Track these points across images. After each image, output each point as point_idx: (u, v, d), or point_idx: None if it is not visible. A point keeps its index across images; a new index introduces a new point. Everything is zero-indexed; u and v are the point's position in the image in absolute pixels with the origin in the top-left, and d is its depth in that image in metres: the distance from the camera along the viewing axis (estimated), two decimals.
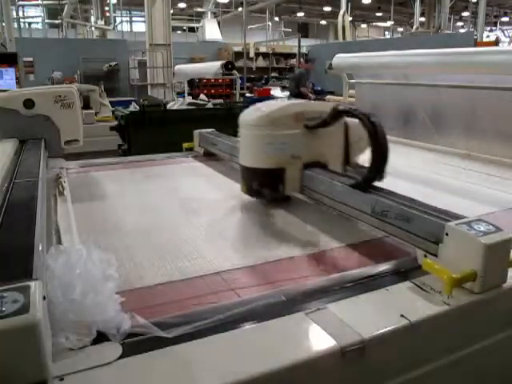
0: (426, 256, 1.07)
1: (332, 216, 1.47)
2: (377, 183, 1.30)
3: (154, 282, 1.09)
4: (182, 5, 19.51)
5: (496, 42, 10.08)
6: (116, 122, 4.59)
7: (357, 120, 1.42)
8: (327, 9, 21.47)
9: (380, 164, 1.28)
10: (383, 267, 1.12)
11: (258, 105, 1.60)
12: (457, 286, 0.95)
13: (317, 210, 1.56)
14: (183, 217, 1.60)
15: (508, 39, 17.78)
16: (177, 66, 7.16)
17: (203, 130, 2.60)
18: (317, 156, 1.54)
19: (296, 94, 9.68)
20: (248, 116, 1.57)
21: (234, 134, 2.57)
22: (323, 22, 24.36)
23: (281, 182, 1.51)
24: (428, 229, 1.08)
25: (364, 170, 1.35)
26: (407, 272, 1.09)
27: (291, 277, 1.16)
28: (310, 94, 9.01)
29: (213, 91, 12.83)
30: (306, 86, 9.10)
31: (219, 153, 2.37)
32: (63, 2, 15.85)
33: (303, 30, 24.64)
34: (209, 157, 2.53)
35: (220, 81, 13.05)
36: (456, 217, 1.08)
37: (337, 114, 1.45)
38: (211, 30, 16.30)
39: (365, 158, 1.46)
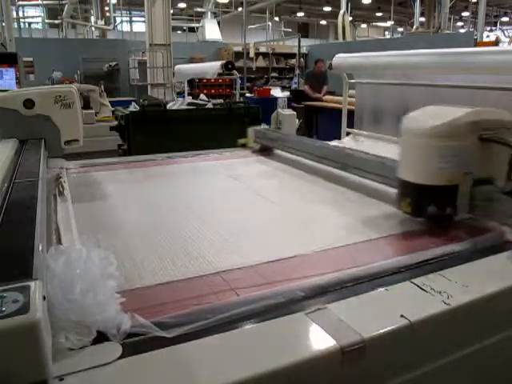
0: None
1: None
2: None
3: (154, 281, 1.09)
4: (182, 5, 19.52)
5: (496, 42, 10.07)
6: (116, 122, 4.60)
7: None
8: (327, 9, 21.47)
9: None
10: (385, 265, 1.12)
11: (428, 110, 1.46)
12: None
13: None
14: (183, 216, 1.60)
15: (508, 39, 17.78)
16: (177, 66, 7.16)
17: (259, 127, 2.80)
18: (486, 171, 1.40)
19: (297, 92, 9.62)
20: (417, 123, 1.40)
21: (235, 133, 2.62)
22: (323, 22, 24.36)
23: (453, 200, 1.37)
24: None
25: None
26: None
27: (291, 276, 1.16)
28: (316, 94, 8.95)
29: (213, 91, 12.84)
30: (324, 85, 9.05)
31: (279, 147, 2.58)
32: (63, 2, 15.85)
33: (303, 30, 24.65)
34: (211, 156, 2.55)
35: (220, 81, 13.05)
36: None
37: None
38: (211, 30, 16.29)
39: None
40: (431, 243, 1.29)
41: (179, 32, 21.36)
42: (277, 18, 21.44)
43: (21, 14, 18.19)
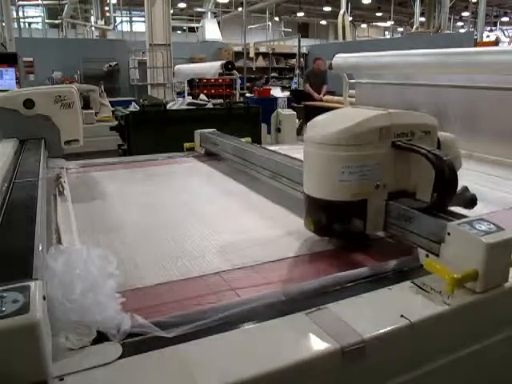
0: (427, 256, 1.07)
1: None
2: None
3: (153, 281, 1.09)
4: (182, 5, 19.54)
5: (496, 42, 10.08)
6: (116, 122, 4.59)
7: (450, 135, 1.34)
8: (327, 9, 21.50)
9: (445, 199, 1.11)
10: (384, 267, 1.12)
11: (330, 115, 1.28)
12: (458, 286, 0.95)
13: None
14: (183, 216, 1.60)
15: (508, 39, 17.78)
16: (177, 66, 7.17)
17: (204, 130, 2.61)
18: (404, 183, 1.23)
19: (297, 92, 9.59)
20: (318, 130, 1.22)
21: (235, 133, 2.61)
22: (323, 22, 24.39)
23: (361, 217, 1.20)
24: (430, 228, 1.07)
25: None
26: (408, 271, 1.09)
27: (291, 277, 1.16)
28: (316, 95, 8.94)
29: (213, 91, 12.86)
30: (323, 85, 9.00)
31: (221, 153, 2.39)
32: (63, 2, 15.86)
33: (303, 30, 24.67)
34: (210, 157, 2.54)
35: (220, 81, 13.07)
36: (458, 216, 1.08)
37: None
38: (211, 30, 16.31)
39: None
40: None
41: (179, 32, 21.38)
42: (277, 18, 21.46)
43: (21, 14, 18.20)
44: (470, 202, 1.23)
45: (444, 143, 1.31)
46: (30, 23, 20.32)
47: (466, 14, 20.29)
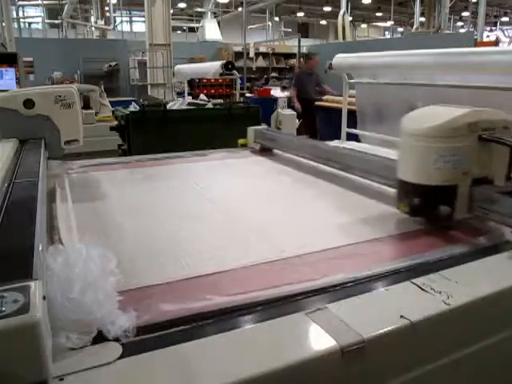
0: None
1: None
2: None
3: (153, 282, 1.09)
4: (182, 5, 19.53)
5: (496, 42, 10.08)
6: (116, 122, 4.59)
7: None
8: (327, 9, 21.49)
9: None
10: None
11: (426, 110, 1.50)
12: None
13: None
14: (183, 217, 1.59)
15: (508, 39, 17.79)
16: (177, 66, 7.16)
17: (258, 127, 2.79)
18: (485, 171, 1.41)
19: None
20: (416, 124, 1.42)
21: (235, 133, 2.63)
22: (323, 22, 24.39)
23: (451, 200, 1.38)
24: None
25: None
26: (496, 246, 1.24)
27: (291, 277, 1.16)
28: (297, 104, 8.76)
29: (213, 91, 12.86)
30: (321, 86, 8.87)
31: (279, 148, 2.59)
32: (63, 2, 15.85)
33: (303, 30, 24.65)
34: (205, 156, 2.55)
35: (220, 81, 13.07)
36: None
37: None
38: (211, 30, 16.31)
39: None
40: (430, 244, 1.30)
41: (179, 32, 21.35)
42: (277, 18, 21.44)
43: (21, 14, 18.18)
44: None
45: None
46: (30, 23, 20.31)
47: (466, 13, 20.27)
